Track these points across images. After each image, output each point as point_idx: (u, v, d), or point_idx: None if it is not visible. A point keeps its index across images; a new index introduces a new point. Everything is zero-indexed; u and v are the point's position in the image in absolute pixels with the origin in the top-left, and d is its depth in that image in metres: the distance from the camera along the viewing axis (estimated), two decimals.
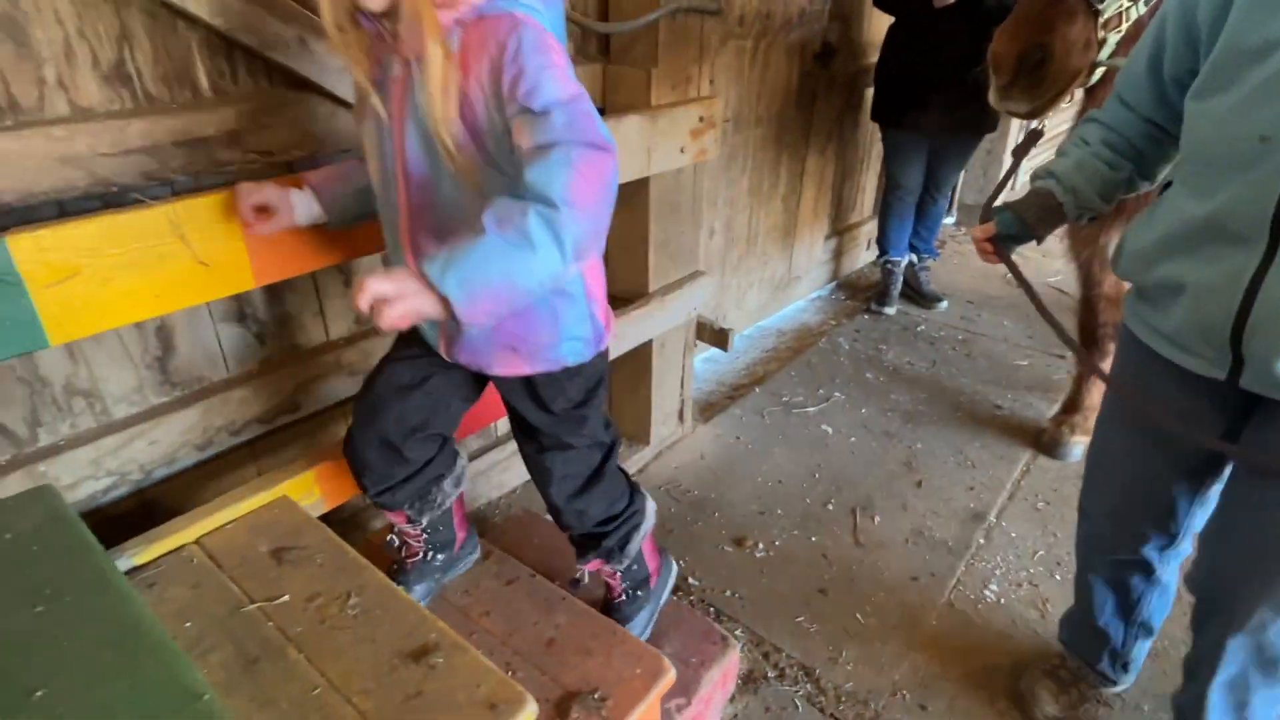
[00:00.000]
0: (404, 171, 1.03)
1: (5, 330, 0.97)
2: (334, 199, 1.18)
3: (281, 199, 1.13)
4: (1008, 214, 1.21)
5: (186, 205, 1.11)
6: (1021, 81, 1.26)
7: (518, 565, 1.48)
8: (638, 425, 2.36)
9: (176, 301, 1.15)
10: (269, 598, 1.09)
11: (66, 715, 0.69)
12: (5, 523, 0.94)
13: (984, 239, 1.25)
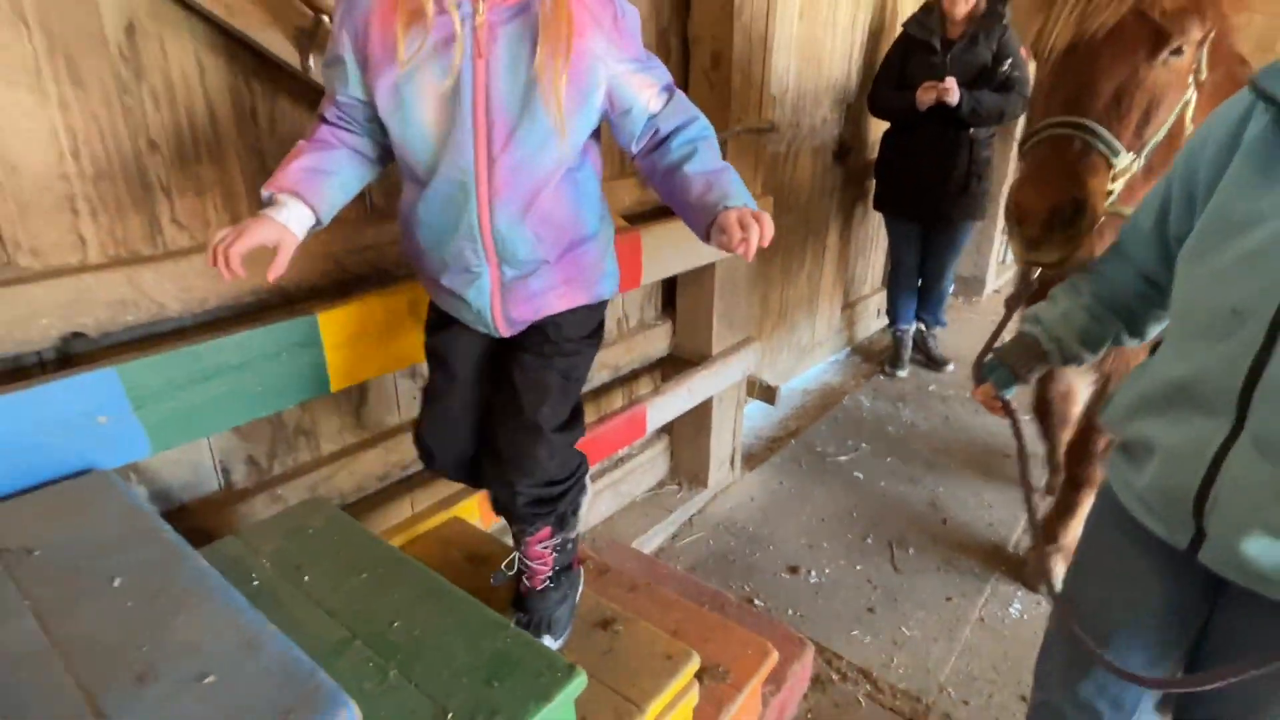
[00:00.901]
0: (486, 123, 1.03)
1: (305, 380, 1.33)
2: (321, 197, 1.10)
3: (273, 230, 1.05)
4: (1002, 371, 1.23)
5: (416, 289, 1.49)
6: (1056, 235, 1.20)
7: (633, 577, 1.80)
8: (697, 470, 2.71)
9: (400, 363, 1.52)
10: (476, 588, 1.41)
11: (422, 633, 1.02)
12: (306, 520, 1.27)
13: (986, 399, 1.27)
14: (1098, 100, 1.24)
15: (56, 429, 1.05)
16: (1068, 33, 1.26)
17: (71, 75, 1.15)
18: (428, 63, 1.00)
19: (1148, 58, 1.23)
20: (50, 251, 1.20)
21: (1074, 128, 1.23)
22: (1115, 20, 1.22)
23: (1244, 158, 0.88)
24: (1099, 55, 1.24)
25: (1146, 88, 1.25)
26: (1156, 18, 1.20)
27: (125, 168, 1.24)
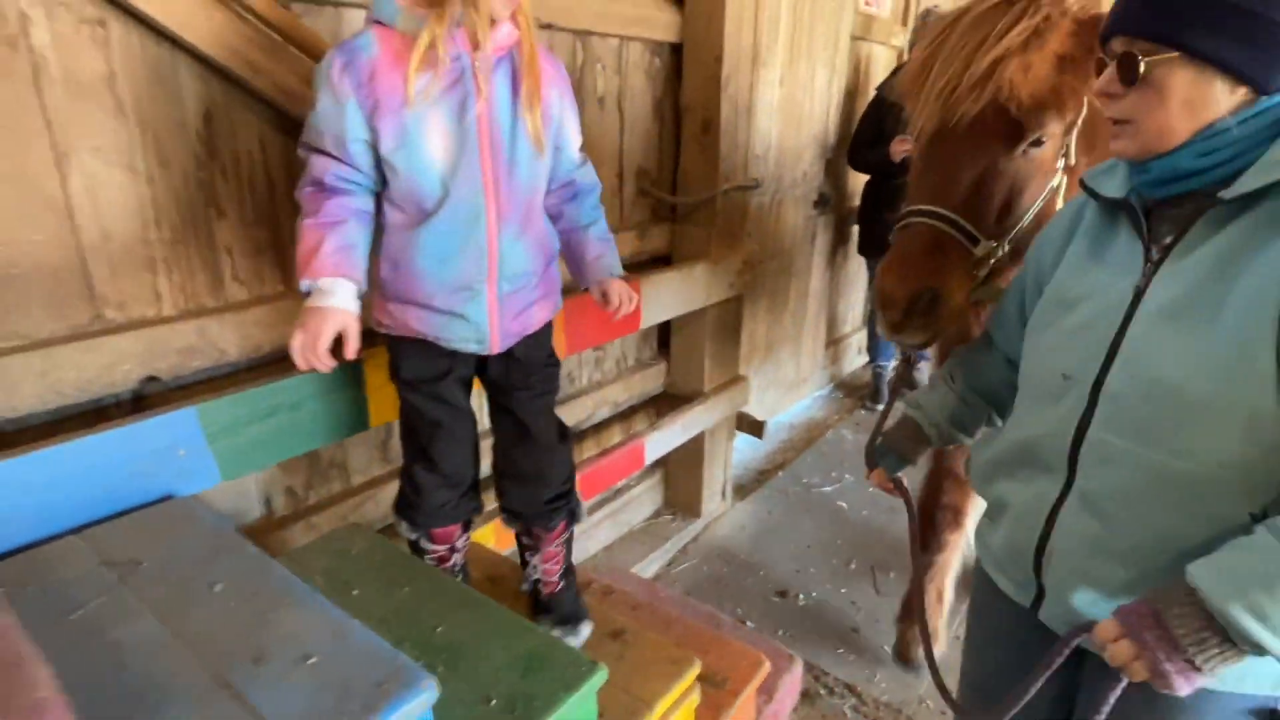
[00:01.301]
0: (491, 152, 1.21)
1: (349, 417, 1.50)
2: (357, 269, 1.21)
3: (337, 318, 1.18)
4: (890, 458, 1.32)
5: None
6: (916, 321, 1.24)
7: (635, 597, 1.95)
8: (691, 501, 2.87)
9: None
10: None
11: (463, 636, 1.17)
12: (348, 543, 1.43)
13: (880, 482, 1.34)
14: (957, 190, 1.25)
15: (145, 460, 1.21)
16: (932, 121, 1.28)
17: (159, 155, 1.34)
18: (437, 102, 1.16)
19: (1006, 150, 1.24)
20: (132, 305, 1.37)
21: (933, 217, 1.24)
22: (974, 111, 1.22)
23: (1077, 244, 1.01)
24: (960, 145, 1.25)
25: (1007, 178, 1.25)
26: (1014, 111, 1.21)
27: (197, 232, 1.43)
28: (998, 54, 1.18)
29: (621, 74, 2.27)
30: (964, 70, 1.21)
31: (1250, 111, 0.82)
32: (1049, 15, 1.18)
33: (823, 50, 3.31)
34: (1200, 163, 0.84)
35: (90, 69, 1.24)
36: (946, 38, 1.26)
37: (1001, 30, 1.19)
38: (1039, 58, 1.18)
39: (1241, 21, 0.78)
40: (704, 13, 2.31)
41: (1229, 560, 0.78)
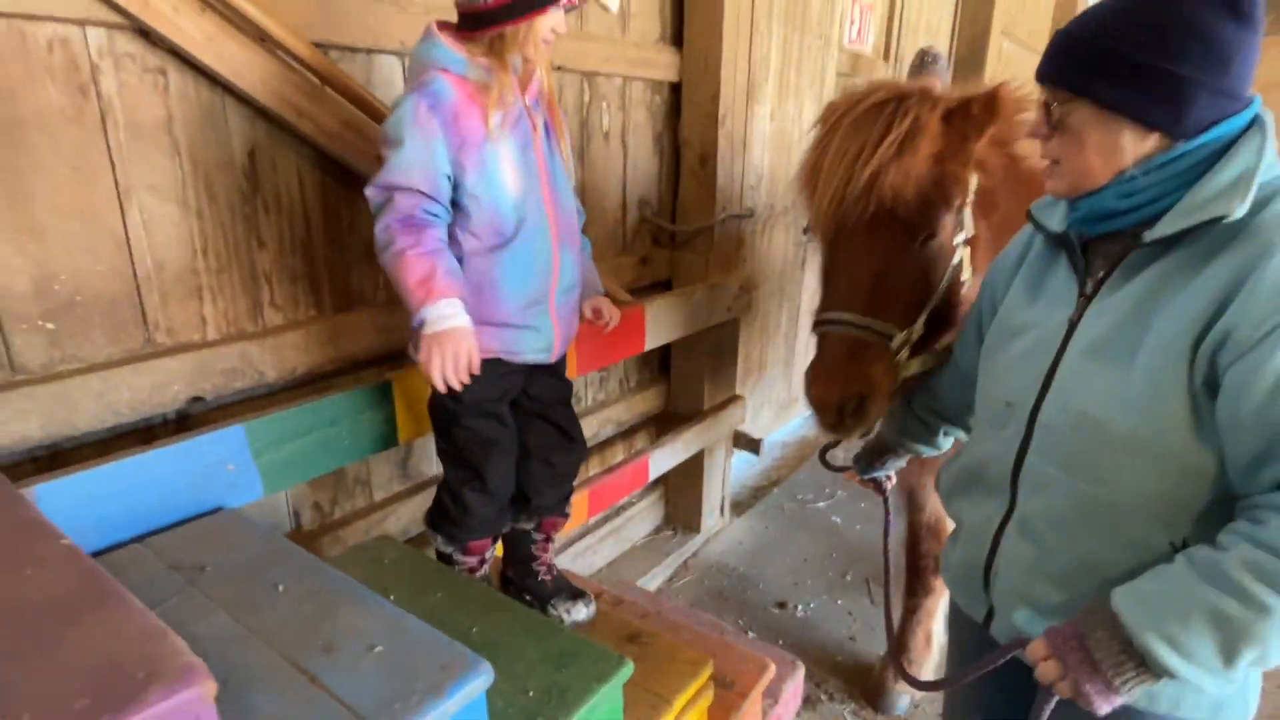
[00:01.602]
0: (545, 176, 1.37)
1: (381, 434, 1.59)
2: (462, 290, 1.28)
3: (468, 336, 1.27)
4: (862, 461, 1.49)
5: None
6: (848, 422, 1.32)
7: (643, 607, 2.04)
8: (691, 517, 2.96)
9: None
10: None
11: (497, 635, 1.26)
12: (380, 553, 1.51)
13: (857, 480, 1.52)
14: (863, 294, 1.29)
15: (198, 474, 1.29)
16: (828, 227, 1.33)
17: (208, 190, 1.45)
18: (506, 137, 1.31)
19: (901, 248, 1.29)
20: (180, 330, 1.46)
21: (845, 324, 1.29)
22: (866, 215, 1.27)
23: (1023, 275, 1.07)
24: (857, 249, 1.30)
25: (908, 273, 1.30)
26: (901, 215, 1.26)
27: (239, 262, 1.53)
28: (874, 168, 1.23)
29: (625, 111, 2.41)
30: (846, 183, 1.26)
31: (1163, 158, 0.85)
32: (917, 116, 1.25)
33: (810, 87, 3.48)
34: (1122, 203, 0.89)
35: (151, 113, 1.35)
36: (829, 144, 1.31)
37: (875, 140, 1.24)
38: (914, 162, 1.23)
39: (1142, 74, 0.82)
40: (701, 54, 2.47)
41: (1149, 589, 0.82)
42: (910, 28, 4.36)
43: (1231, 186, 0.82)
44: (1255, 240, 0.80)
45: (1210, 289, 0.80)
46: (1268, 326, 0.76)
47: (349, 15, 1.55)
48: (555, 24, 1.30)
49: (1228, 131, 0.84)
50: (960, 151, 1.29)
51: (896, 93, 1.30)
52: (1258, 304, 0.77)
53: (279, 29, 1.37)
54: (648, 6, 2.39)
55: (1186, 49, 0.80)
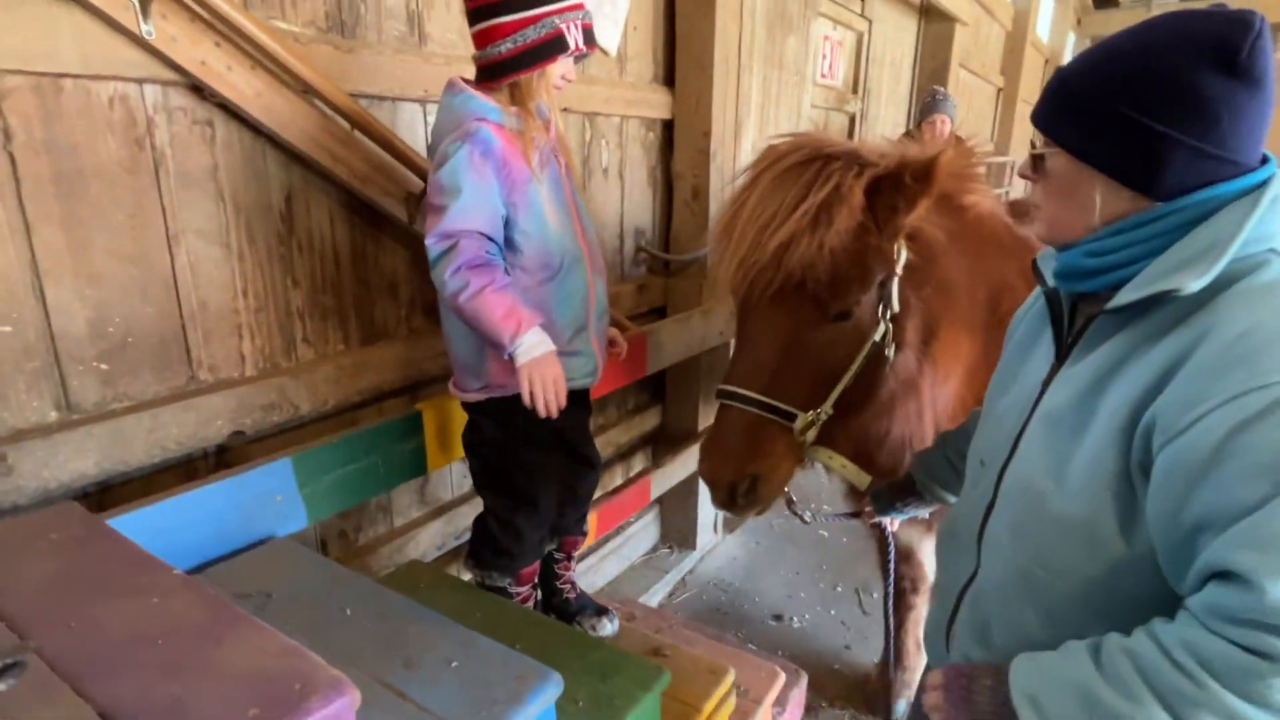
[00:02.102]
0: (576, 215, 1.47)
1: (413, 462, 1.66)
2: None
3: (557, 361, 1.35)
4: (882, 500, 1.39)
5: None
6: (740, 501, 1.26)
7: (655, 622, 2.13)
8: (686, 534, 3.06)
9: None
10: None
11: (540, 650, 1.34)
12: (414, 578, 1.58)
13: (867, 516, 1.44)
14: (767, 370, 1.19)
15: (250, 505, 1.35)
16: (736, 289, 1.23)
17: (248, 234, 1.52)
18: (543, 180, 1.41)
19: (811, 325, 1.17)
20: (221, 367, 1.52)
21: (745, 402, 1.19)
22: (773, 287, 1.16)
23: (1025, 326, 1.02)
24: (764, 321, 1.20)
25: (816, 350, 1.19)
26: (812, 288, 1.14)
27: (276, 300, 1.59)
28: (783, 238, 1.12)
29: (622, 148, 2.53)
30: (754, 249, 1.15)
31: (1136, 219, 0.79)
32: (839, 184, 1.13)
33: (787, 120, 3.66)
34: (1091, 262, 0.83)
35: (199, 162, 1.42)
36: (744, 202, 1.21)
37: (790, 205, 1.13)
38: (830, 235, 1.11)
39: (1116, 125, 0.76)
40: (693, 94, 2.61)
41: (1048, 658, 0.78)
42: (876, 62, 4.60)
43: (1196, 257, 0.74)
44: (1204, 319, 0.73)
45: (1154, 369, 0.74)
46: (1192, 415, 0.69)
47: (379, 67, 1.65)
48: (565, 71, 1.41)
49: (1214, 197, 0.76)
50: (887, 224, 1.17)
51: (821, 153, 1.18)
52: (1185, 389, 0.71)
53: (324, 82, 1.46)
54: (642, 49, 2.53)
55: (1164, 103, 0.74)
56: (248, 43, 1.36)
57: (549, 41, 1.33)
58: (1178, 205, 0.77)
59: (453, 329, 1.47)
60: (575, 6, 1.35)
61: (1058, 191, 0.85)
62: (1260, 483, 0.64)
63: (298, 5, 1.52)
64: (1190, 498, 0.69)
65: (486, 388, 1.47)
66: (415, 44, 1.77)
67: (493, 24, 1.32)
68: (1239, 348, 0.69)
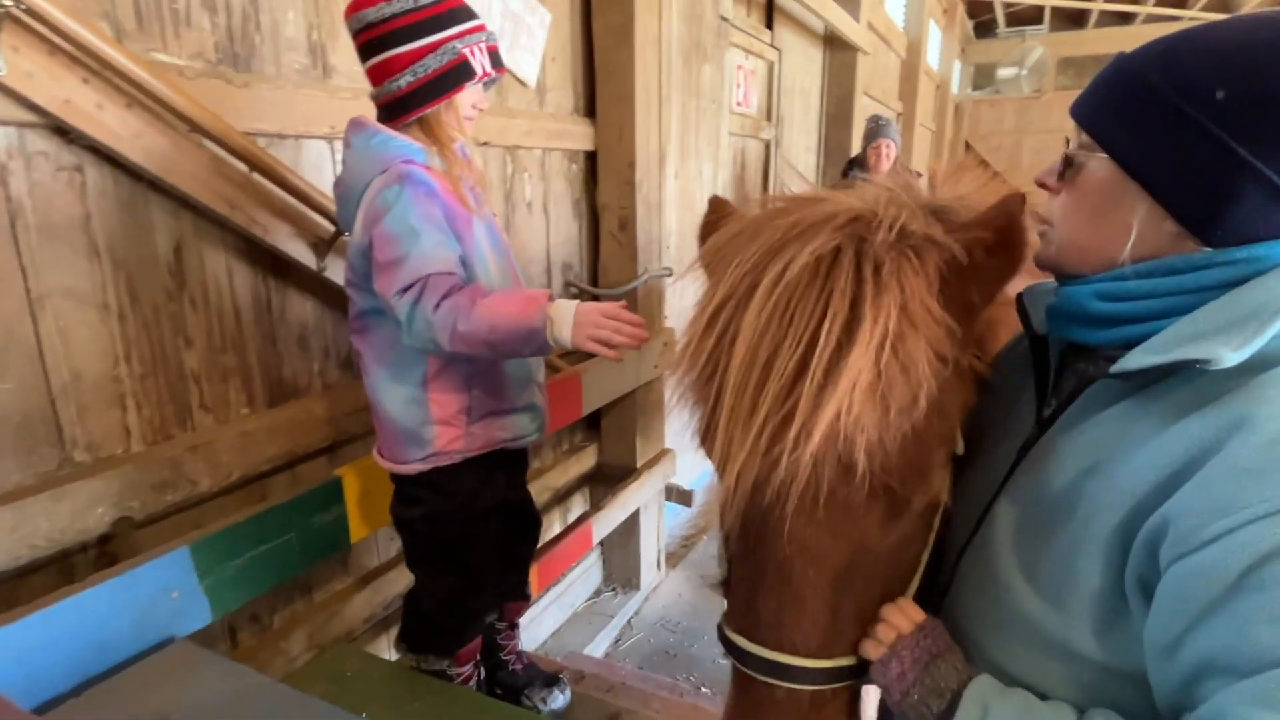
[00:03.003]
0: (507, 254, 1.38)
1: (333, 535, 1.50)
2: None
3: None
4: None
5: None
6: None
7: (606, 679, 2.01)
8: (630, 574, 2.96)
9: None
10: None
11: None
12: (341, 663, 1.42)
13: None
14: (821, 619, 0.70)
15: (141, 607, 1.17)
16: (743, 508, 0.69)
17: (130, 291, 1.34)
18: (476, 218, 1.31)
19: (886, 527, 0.70)
20: (101, 444, 1.33)
21: (800, 677, 0.70)
22: (822, 497, 0.65)
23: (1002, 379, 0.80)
24: (803, 547, 0.69)
25: (884, 562, 0.72)
26: (883, 478, 0.65)
27: (166, 364, 1.41)
28: (833, 422, 0.60)
29: (545, 180, 2.45)
30: (770, 443, 0.63)
31: (1173, 261, 0.61)
32: (904, 293, 0.62)
33: (707, 147, 3.68)
34: (1102, 307, 0.64)
35: (66, 213, 1.24)
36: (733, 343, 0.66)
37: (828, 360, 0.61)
38: (918, 393, 0.63)
39: (1184, 133, 0.58)
40: (615, 124, 2.56)
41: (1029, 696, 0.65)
42: (787, 90, 4.72)
43: (1236, 323, 0.57)
44: (1239, 404, 0.56)
45: (1168, 460, 0.57)
46: (1218, 527, 0.53)
47: (279, 103, 1.51)
48: (476, 99, 1.31)
49: (1276, 256, 0.59)
50: (966, 334, 0.68)
51: (846, 229, 0.66)
52: (1211, 492, 0.54)
53: (214, 120, 1.31)
54: (561, 80, 2.47)
55: (1259, 123, 0.56)
56: (122, 78, 1.20)
57: (453, 69, 1.23)
58: (1231, 256, 0.59)
59: (384, 393, 1.33)
60: (477, 29, 1.25)
61: (1086, 207, 0.66)
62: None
63: (182, 36, 1.36)
64: (1199, 628, 0.54)
65: (431, 456, 1.33)
66: (319, 77, 1.63)
67: (387, 57, 1.21)
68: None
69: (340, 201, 1.31)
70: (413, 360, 1.30)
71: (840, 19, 4.85)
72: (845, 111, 5.52)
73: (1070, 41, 11.14)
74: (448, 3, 1.23)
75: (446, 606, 1.42)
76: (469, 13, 1.25)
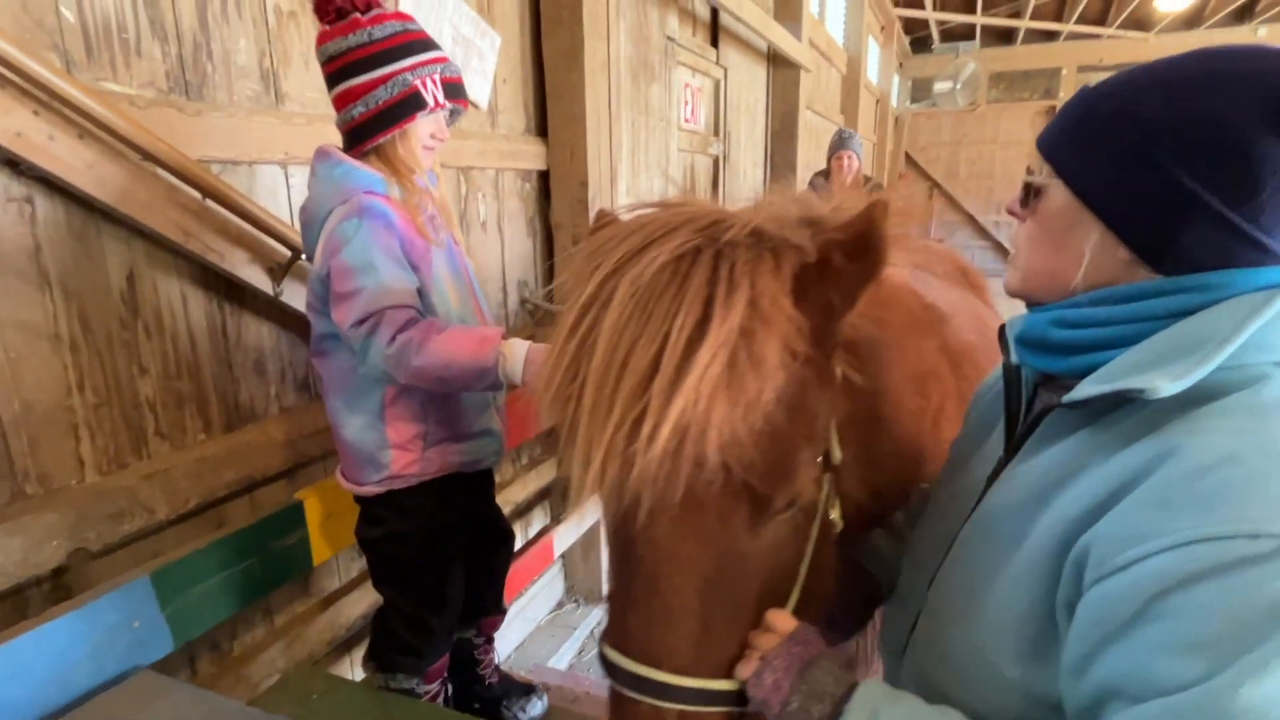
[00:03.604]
0: (469, 280, 1.41)
1: (293, 561, 1.51)
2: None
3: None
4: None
5: None
6: None
7: (572, 691, 2.04)
8: (591, 585, 2.99)
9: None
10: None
11: None
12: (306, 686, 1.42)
13: None
14: (689, 631, 0.68)
15: (102, 639, 1.16)
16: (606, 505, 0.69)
17: (82, 321, 1.33)
18: (436, 250, 1.33)
19: (751, 530, 0.69)
20: (54, 476, 1.31)
21: (669, 694, 0.67)
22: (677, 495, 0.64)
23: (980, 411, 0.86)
24: (666, 552, 0.67)
25: (754, 570, 0.71)
26: (741, 477, 0.64)
27: (120, 392, 1.40)
28: (682, 414, 0.60)
29: (499, 200, 2.49)
30: (625, 438, 0.62)
31: (1125, 289, 0.63)
32: (755, 291, 0.63)
33: (657, 163, 3.77)
34: (1059, 335, 0.66)
35: (15, 245, 1.23)
36: (593, 336, 0.66)
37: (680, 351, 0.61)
38: (764, 386, 0.63)
39: (1141, 169, 0.60)
40: (567, 144, 2.62)
41: (918, 702, 0.66)
42: (734, 106, 4.85)
43: (1176, 353, 0.58)
44: (1173, 435, 0.57)
45: (1102, 486, 0.59)
46: (1131, 554, 0.54)
47: (233, 130, 1.52)
48: (434, 129, 1.34)
49: (1228, 283, 0.60)
50: (825, 337, 0.69)
51: (709, 234, 0.67)
52: (1129, 520, 0.56)
53: (167, 149, 1.32)
54: (513, 101, 2.51)
55: (1198, 149, 0.59)
56: (73, 110, 1.21)
57: (402, 101, 1.26)
58: (1182, 284, 0.61)
59: (342, 417, 1.35)
60: (432, 61, 1.28)
61: (1045, 234, 0.69)
62: (1191, 660, 0.50)
63: (132, 66, 1.37)
64: (1105, 651, 0.55)
65: (388, 479, 1.36)
66: (272, 103, 1.65)
67: (346, 87, 1.25)
68: (1206, 481, 0.53)
69: (304, 228, 1.33)
70: (370, 386, 1.32)
71: (782, 38, 5.01)
72: (790, 126, 5.69)
73: (1001, 57, 11.69)
74: (403, 36, 1.26)
75: (413, 625, 1.44)
76: (426, 45, 1.29)
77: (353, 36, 1.23)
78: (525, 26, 2.52)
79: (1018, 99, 11.86)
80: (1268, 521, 0.50)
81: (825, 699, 0.65)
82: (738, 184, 4.96)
